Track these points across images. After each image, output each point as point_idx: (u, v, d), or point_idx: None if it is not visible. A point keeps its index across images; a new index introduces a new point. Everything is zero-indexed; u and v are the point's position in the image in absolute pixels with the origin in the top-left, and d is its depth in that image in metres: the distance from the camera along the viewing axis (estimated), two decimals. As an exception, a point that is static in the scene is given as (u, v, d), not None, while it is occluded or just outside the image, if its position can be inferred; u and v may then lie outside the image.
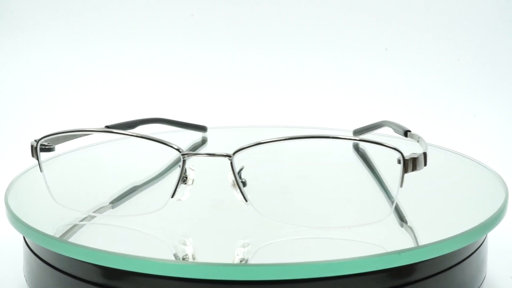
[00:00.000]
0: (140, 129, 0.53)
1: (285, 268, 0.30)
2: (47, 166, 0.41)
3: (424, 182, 0.44)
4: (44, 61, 0.78)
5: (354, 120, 0.69)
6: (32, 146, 0.39)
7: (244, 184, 0.35)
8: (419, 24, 0.79)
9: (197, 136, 0.55)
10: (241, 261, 0.32)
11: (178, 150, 0.36)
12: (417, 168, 0.34)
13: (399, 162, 0.34)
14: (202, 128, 0.55)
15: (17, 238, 0.41)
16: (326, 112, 0.74)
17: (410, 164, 0.34)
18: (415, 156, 0.34)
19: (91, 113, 0.74)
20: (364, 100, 0.77)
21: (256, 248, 0.34)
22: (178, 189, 0.35)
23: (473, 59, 0.77)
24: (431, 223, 0.37)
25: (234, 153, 0.35)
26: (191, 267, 0.30)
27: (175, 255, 0.33)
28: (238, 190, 0.35)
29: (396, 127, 0.47)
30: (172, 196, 0.35)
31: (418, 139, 0.42)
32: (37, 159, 0.39)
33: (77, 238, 0.35)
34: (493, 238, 0.42)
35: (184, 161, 0.35)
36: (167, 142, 0.36)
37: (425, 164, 0.35)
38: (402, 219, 0.37)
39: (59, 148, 0.42)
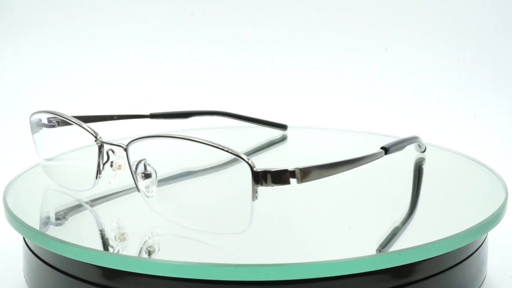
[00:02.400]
0: (210, 121, 0.56)
1: (285, 268, 0.30)
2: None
3: (424, 182, 0.44)
4: (44, 61, 0.78)
5: (354, 120, 0.70)
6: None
7: (148, 176, 0.35)
8: (419, 24, 0.79)
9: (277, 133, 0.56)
10: (149, 251, 0.33)
11: (95, 136, 0.37)
12: (282, 183, 0.32)
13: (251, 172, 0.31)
14: (282, 126, 0.56)
15: (17, 238, 0.41)
16: (325, 112, 0.74)
17: (261, 176, 0.31)
18: (269, 170, 0.31)
19: (91, 113, 0.74)
20: (364, 100, 0.77)
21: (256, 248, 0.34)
22: (102, 171, 0.38)
23: (473, 59, 0.77)
24: (431, 223, 0.37)
25: (128, 144, 0.35)
26: (191, 267, 0.30)
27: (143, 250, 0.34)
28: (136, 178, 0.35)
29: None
30: (96, 177, 0.38)
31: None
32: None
33: (77, 238, 0.35)
34: (493, 238, 0.42)
35: (99, 147, 0.37)
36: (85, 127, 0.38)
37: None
38: None
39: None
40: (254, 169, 0.31)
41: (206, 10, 0.80)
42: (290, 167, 0.32)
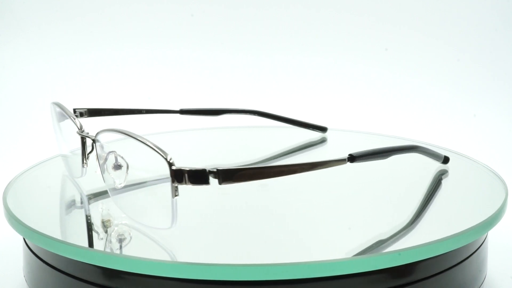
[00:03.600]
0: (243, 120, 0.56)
1: (285, 267, 0.30)
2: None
3: (424, 182, 0.44)
4: (44, 61, 0.78)
5: (354, 120, 0.70)
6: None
7: (118, 167, 0.35)
8: (419, 24, 0.79)
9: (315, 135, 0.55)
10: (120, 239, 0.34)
11: (79, 129, 0.39)
12: (197, 182, 0.31)
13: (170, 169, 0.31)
14: (322, 129, 0.55)
15: (17, 238, 0.41)
16: (325, 112, 0.74)
17: (178, 175, 0.31)
18: (186, 168, 0.31)
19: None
20: (364, 100, 0.77)
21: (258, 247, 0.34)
22: (87, 161, 0.39)
23: (473, 59, 0.77)
24: (431, 223, 0.37)
25: (96, 135, 0.36)
26: (191, 267, 0.30)
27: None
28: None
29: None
30: (83, 166, 0.39)
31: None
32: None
33: (77, 238, 0.35)
34: (493, 238, 0.42)
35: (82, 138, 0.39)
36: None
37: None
38: None
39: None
40: (173, 167, 0.31)
41: (206, 10, 0.80)
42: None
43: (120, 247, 0.34)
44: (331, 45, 0.79)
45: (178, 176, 0.31)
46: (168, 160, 0.31)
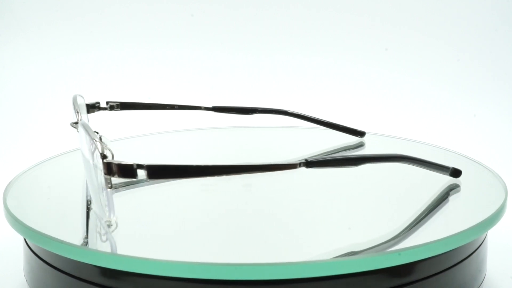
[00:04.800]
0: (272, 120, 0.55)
1: (285, 267, 0.30)
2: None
3: (424, 182, 0.44)
4: (44, 61, 0.78)
5: (354, 120, 0.70)
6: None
7: (104, 157, 0.35)
8: (419, 24, 0.79)
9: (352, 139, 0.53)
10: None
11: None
12: (124, 175, 0.32)
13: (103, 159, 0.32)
14: (360, 133, 0.53)
15: (17, 238, 0.41)
16: (325, 112, 0.74)
17: (107, 167, 0.32)
18: (115, 161, 0.32)
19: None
20: (364, 100, 0.77)
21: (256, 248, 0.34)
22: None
23: (473, 59, 0.77)
24: (431, 223, 0.37)
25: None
26: (191, 267, 0.31)
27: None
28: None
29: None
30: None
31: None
32: None
33: (77, 238, 0.35)
34: (493, 238, 0.42)
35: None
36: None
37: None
38: None
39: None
40: (104, 160, 0.32)
41: (206, 10, 0.80)
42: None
43: (107, 232, 0.35)
44: (331, 45, 0.80)
45: (109, 169, 0.32)
46: (101, 153, 0.32)
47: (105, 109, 0.48)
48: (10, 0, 0.78)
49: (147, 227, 0.37)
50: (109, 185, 0.32)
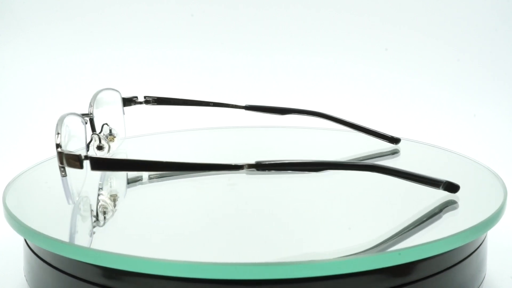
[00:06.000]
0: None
1: (285, 267, 0.30)
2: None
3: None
4: (44, 61, 0.78)
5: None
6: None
7: (100, 148, 0.40)
8: (419, 24, 0.79)
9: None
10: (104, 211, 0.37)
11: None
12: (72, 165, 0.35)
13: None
14: (395, 140, 0.51)
15: (17, 238, 0.41)
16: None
17: (59, 156, 0.35)
18: (63, 151, 0.35)
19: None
20: (364, 100, 0.77)
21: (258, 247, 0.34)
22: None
23: (473, 59, 0.77)
24: (430, 223, 0.37)
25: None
26: (191, 267, 0.31)
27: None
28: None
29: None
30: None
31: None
32: None
33: (77, 238, 0.35)
34: (492, 238, 0.42)
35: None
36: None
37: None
38: None
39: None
40: (58, 149, 0.35)
41: (206, 10, 0.80)
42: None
43: (104, 218, 0.37)
44: (331, 45, 0.80)
45: (61, 158, 0.35)
46: (56, 142, 0.35)
47: (140, 103, 0.50)
48: (10, 0, 0.78)
49: (147, 227, 0.37)
50: (63, 173, 0.35)
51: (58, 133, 0.35)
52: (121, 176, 0.44)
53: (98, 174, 0.43)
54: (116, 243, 0.35)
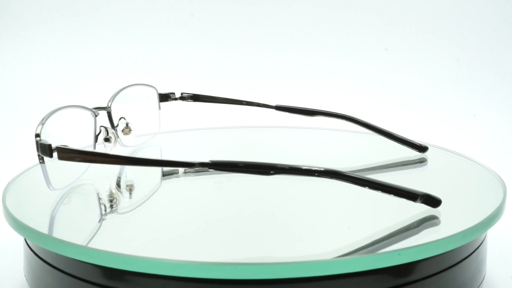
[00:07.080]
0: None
1: (286, 266, 0.30)
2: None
3: (424, 182, 0.44)
4: (44, 61, 0.78)
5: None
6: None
7: (107, 140, 0.44)
8: (419, 24, 0.79)
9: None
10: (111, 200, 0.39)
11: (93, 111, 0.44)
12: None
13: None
14: (422, 149, 0.49)
15: (17, 238, 0.41)
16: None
17: (38, 147, 0.38)
18: (38, 140, 0.38)
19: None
20: (364, 100, 0.77)
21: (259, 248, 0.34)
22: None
23: (473, 59, 0.77)
24: (430, 223, 0.37)
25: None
26: (191, 267, 0.31)
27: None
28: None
29: None
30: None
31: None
32: None
33: (77, 238, 0.35)
34: (492, 238, 0.42)
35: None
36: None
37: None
38: None
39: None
40: (36, 138, 0.38)
41: (206, 10, 0.80)
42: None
43: (111, 206, 0.39)
44: (331, 45, 0.80)
45: (37, 146, 0.38)
46: (36, 132, 0.38)
47: (175, 99, 0.53)
48: (10, 0, 0.78)
49: (147, 227, 0.37)
50: (41, 161, 0.38)
51: (42, 124, 0.38)
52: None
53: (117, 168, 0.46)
54: (116, 243, 0.35)
